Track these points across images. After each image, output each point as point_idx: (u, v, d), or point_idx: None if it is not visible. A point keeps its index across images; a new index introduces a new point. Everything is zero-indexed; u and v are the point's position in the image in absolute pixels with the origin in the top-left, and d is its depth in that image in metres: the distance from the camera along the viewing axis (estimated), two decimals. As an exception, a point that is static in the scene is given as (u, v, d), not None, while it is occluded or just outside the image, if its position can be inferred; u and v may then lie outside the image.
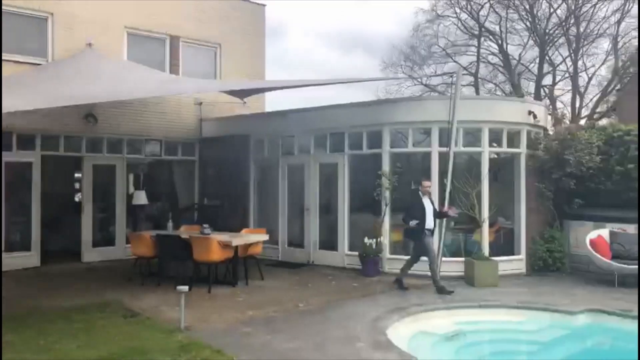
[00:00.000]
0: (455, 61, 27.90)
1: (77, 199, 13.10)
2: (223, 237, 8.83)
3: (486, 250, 9.81)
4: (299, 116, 11.49)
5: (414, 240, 9.02)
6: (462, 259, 9.66)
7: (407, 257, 10.09)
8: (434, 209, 8.92)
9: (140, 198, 11.68)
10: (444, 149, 9.61)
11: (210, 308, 7.50)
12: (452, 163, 9.36)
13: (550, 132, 10.96)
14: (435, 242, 9.65)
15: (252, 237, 9.27)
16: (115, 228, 12.03)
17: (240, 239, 9.04)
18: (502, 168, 11.08)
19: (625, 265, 8.90)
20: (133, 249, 9.52)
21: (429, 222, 8.75)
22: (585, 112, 28.35)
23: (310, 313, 7.25)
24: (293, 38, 44.34)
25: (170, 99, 12.55)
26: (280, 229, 11.71)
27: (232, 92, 12.45)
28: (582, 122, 24.15)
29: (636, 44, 27.57)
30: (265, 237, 9.43)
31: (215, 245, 8.50)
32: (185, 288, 6.37)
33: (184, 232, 9.70)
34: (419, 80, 28.34)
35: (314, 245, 11.20)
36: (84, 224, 11.62)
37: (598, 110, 28.35)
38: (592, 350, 7.07)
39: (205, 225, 9.21)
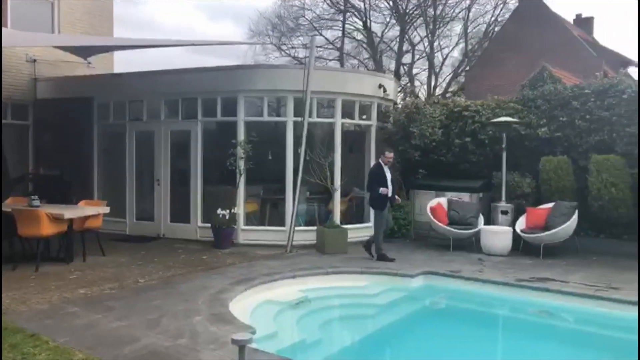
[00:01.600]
0: (321, 34, 28.24)
1: None
2: (54, 209, 7.94)
3: (338, 219, 10.05)
4: (148, 79, 10.70)
5: (376, 210, 8.92)
6: (315, 227, 9.81)
7: (266, 228, 10.11)
8: (393, 180, 8.99)
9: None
10: (299, 119, 9.58)
11: (34, 288, 6.71)
12: (305, 133, 9.35)
13: (399, 106, 11.45)
14: (289, 211, 9.71)
15: (89, 210, 8.46)
16: None
17: (75, 211, 8.21)
18: (357, 139, 11.39)
19: (459, 230, 9.67)
20: (-58, 226, 8.20)
21: (390, 191, 8.81)
22: (439, 90, 30.53)
23: (151, 288, 6.82)
24: (155, 5, 41.66)
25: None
26: (127, 201, 10.92)
27: (74, 50, 11.19)
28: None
29: (483, 29, 30.13)
30: (106, 210, 8.67)
31: (44, 219, 7.61)
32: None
33: (9, 204, 8.57)
34: (286, 52, 28.26)
35: (165, 217, 10.62)
36: None
37: (451, 89, 30.65)
38: (427, 309, 7.58)
39: (33, 197, 8.20)
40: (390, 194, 8.82)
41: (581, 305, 6.70)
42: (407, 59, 30.31)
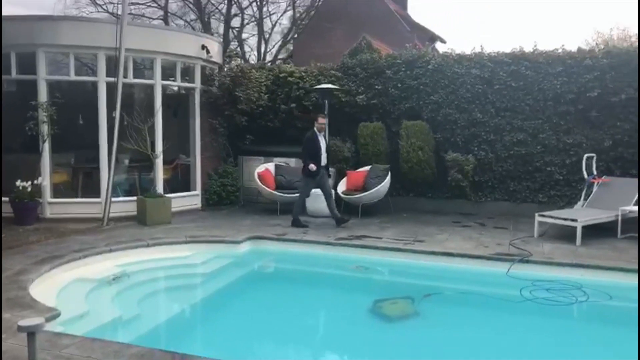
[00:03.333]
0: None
1: None
2: None
3: (161, 188, 9.53)
4: None
5: (307, 178, 8.89)
6: (136, 198, 9.18)
7: (78, 200, 9.21)
8: (327, 147, 9.03)
9: None
10: (112, 79, 8.74)
11: None
12: (120, 94, 8.58)
13: (225, 69, 11.15)
14: (104, 180, 8.93)
15: None
16: None
17: None
18: (181, 103, 10.85)
19: (286, 195, 9.86)
20: None
21: (324, 159, 8.84)
22: (270, 57, 30.58)
23: None
24: None
25: None
26: None
27: None
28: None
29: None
30: None
31: None
32: None
33: None
34: (104, 8, 25.66)
35: (-51, 192, 9.01)
36: None
37: (281, 56, 30.90)
38: (254, 273, 7.60)
39: None
40: (324, 162, 8.87)
41: (392, 258, 7.32)
42: (236, 22, 29.69)
